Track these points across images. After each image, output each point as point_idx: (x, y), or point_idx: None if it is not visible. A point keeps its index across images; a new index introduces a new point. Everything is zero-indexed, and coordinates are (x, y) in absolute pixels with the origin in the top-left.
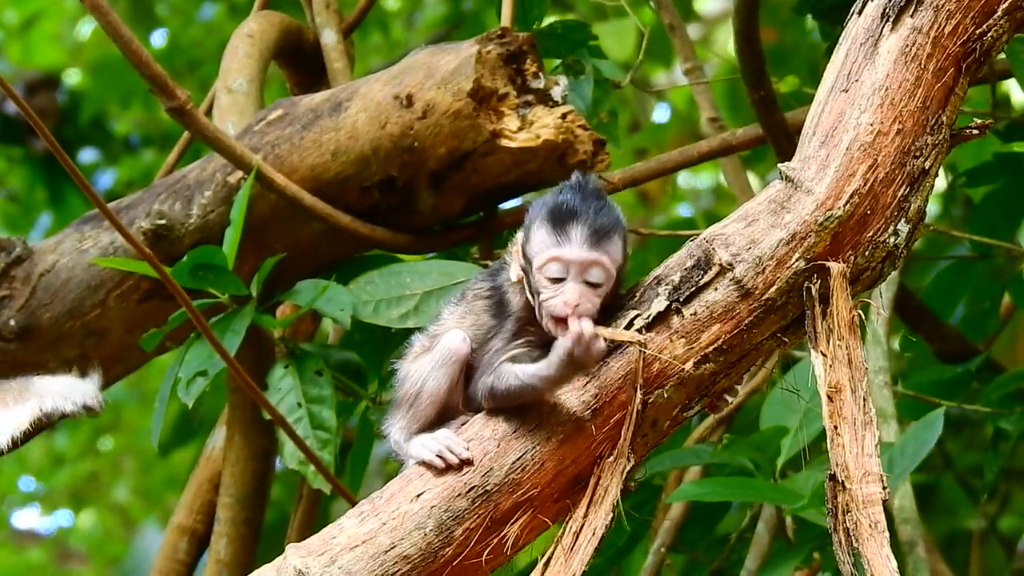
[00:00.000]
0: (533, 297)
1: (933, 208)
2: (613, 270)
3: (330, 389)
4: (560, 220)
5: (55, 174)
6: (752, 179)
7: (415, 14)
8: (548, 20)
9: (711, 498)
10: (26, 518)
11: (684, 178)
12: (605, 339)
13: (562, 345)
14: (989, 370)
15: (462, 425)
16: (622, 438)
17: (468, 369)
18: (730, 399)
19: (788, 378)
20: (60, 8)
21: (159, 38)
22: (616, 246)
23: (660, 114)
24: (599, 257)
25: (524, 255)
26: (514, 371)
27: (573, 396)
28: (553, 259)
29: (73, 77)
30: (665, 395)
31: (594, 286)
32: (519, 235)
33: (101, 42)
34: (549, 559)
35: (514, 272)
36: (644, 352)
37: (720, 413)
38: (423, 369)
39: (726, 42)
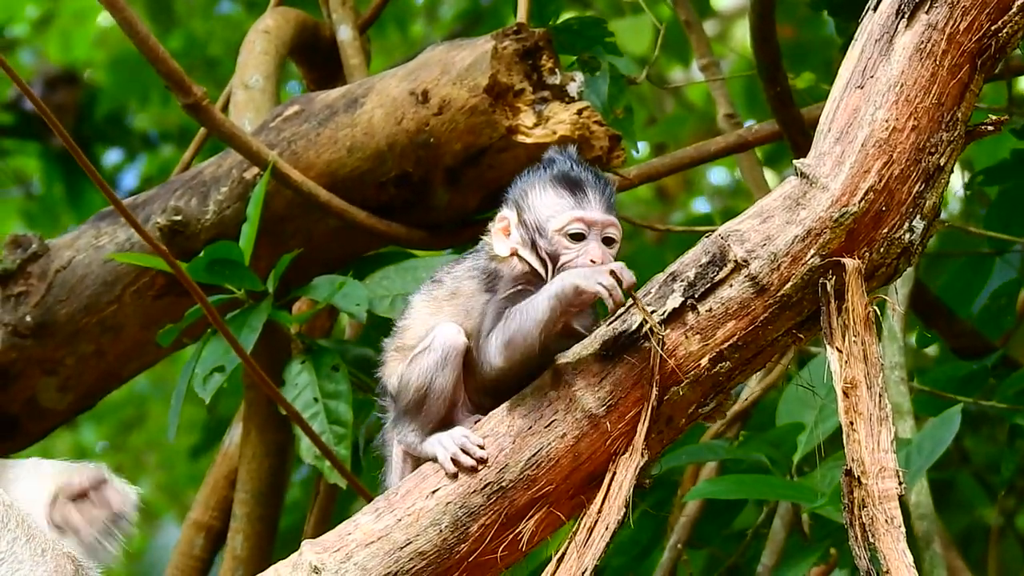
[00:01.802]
0: (544, 264)
1: (952, 205)
2: (620, 236)
3: (346, 384)
4: (572, 185)
5: (73, 170)
6: (771, 177)
7: (436, 10)
8: (565, 16)
9: (728, 496)
10: None
11: (711, 174)
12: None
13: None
14: (1005, 366)
15: (476, 422)
16: (637, 434)
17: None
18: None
19: (804, 374)
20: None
21: (178, 36)
22: (616, 214)
23: (677, 108)
24: (613, 219)
25: (527, 225)
26: (528, 300)
27: (588, 393)
28: (576, 219)
29: (93, 73)
30: (681, 393)
31: (609, 247)
32: (506, 212)
33: (121, 38)
34: (563, 555)
35: (503, 248)
36: (661, 341)
37: (714, 423)
38: (426, 370)
39: (743, 38)
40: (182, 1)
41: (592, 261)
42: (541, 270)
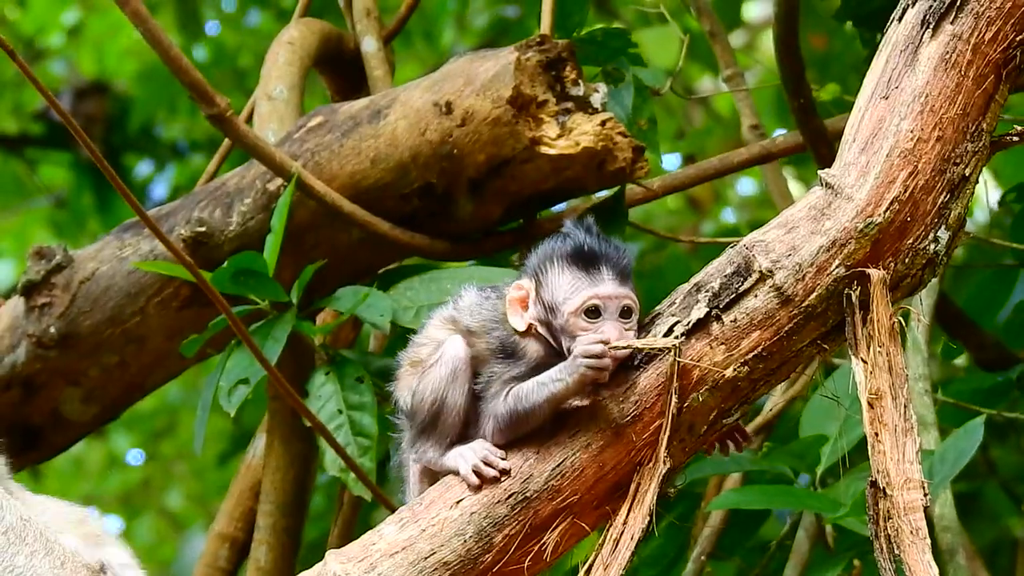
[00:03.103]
0: (559, 343)
1: (979, 216)
2: (638, 302)
3: (371, 396)
4: (587, 262)
5: (102, 180)
6: (797, 187)
7: (465, 20)
8: (592, 27)
9: (752, 506)
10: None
11: (739, 185)
12: (639, 349)
13: (579, 354)
14: None
15: None
16: (659, 443)
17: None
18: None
19: (828, 385)
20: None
21: (204, 49)
22: (633, 283)
23: (706, 120)
24: (627, 291)
25: (543, 304)
26: (535, 381)
27: (612, 403)
28: (591, 297)
29: (121, 84)
30: (700, 399)
31: (627, 320)
32: (525, 283)
33: (150, 49)
34: (590, 567)
35: (519, 323)
36: (679, 355)
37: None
38: (438, 384)
39: (770, 49)
40: (211, 12)
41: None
42: (557, 348)
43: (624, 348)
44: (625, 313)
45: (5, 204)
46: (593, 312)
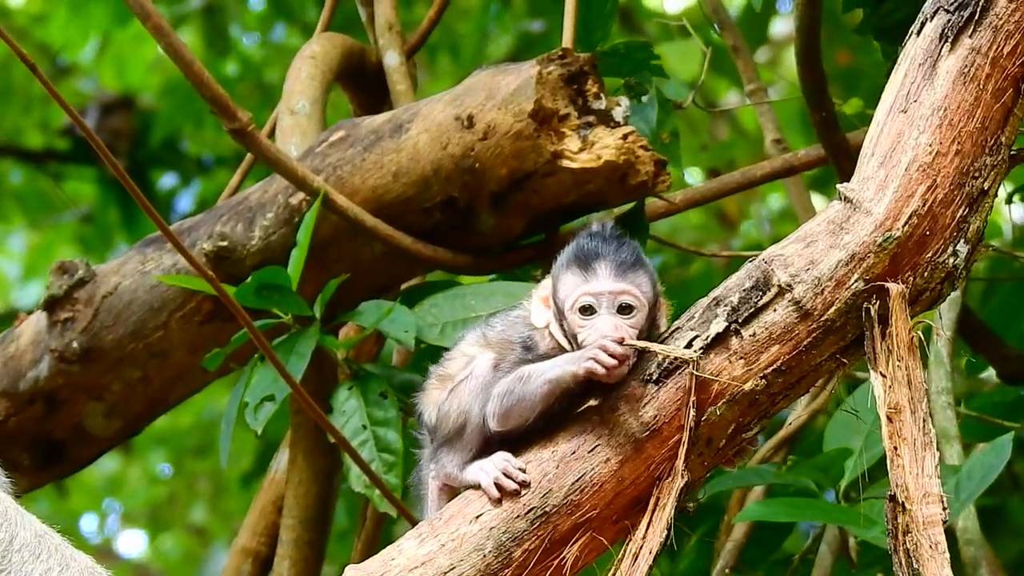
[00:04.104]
0: (569, 342)
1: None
2: (643, 299)
3: (395, 411)
4: (584, 260)
5: (128, 195)
6: (821, 201)
7: (489, 36)
8: (616, 40)
9: (778, 518)
10: (124, 542)
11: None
12: (655, 354)
13: (587, 351)
14: None
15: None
16: (677, 456)
17: None
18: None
19: (850, 400)
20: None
21: (234, 61)
22: (643, 279)
23: (731, 134)
24: (626, 287)
25: (555, 304)
26: (539, 364)
27: (632, 417)
28: (583, 295)
29: (148, 99)
30: (718, 412)
31: (627, 316)
32: (546, 283)
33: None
34: None
35: (538, 318)
36: (697, 368)
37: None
38: (465, 399)
39: (793, 63)
40: (238, 27)
41: (602, 336)
42: (568, 348)
43: (638, 348)
44: (624, 309)
45: (32, 220)
46: (587, 309)
